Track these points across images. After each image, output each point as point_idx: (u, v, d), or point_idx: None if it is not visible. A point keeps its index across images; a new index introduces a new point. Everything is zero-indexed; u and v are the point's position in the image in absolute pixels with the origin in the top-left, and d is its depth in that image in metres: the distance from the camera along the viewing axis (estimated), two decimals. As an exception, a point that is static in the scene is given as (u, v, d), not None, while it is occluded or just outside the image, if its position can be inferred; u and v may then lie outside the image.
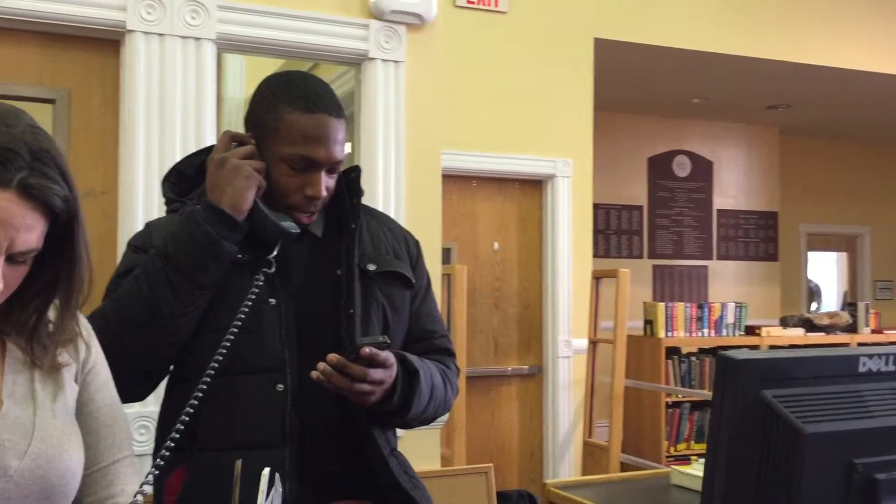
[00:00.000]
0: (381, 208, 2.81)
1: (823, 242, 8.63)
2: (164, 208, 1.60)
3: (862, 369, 1.03)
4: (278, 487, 0.91)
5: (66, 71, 2.59)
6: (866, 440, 0.99)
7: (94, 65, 2.62)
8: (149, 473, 1.10)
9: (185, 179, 1.56)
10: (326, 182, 1.50)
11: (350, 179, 1.59)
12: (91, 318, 1.30)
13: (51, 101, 2.57)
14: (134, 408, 2.44)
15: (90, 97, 2.62)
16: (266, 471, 0.90)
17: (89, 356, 1.19)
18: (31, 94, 2.56)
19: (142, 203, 2.52)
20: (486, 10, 4.77)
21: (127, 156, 2.55)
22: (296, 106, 1.46)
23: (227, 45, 2.70)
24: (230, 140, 1.51)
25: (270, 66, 3.02)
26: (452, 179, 4.76)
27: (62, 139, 2.57)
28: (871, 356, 1.03)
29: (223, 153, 1.47)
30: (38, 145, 1.01)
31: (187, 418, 1.25)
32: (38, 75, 2.56)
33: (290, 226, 1.48)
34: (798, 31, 5.59)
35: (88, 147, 2.61)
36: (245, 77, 3.39)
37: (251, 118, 1.53)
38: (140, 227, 1.73)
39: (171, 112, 2.57)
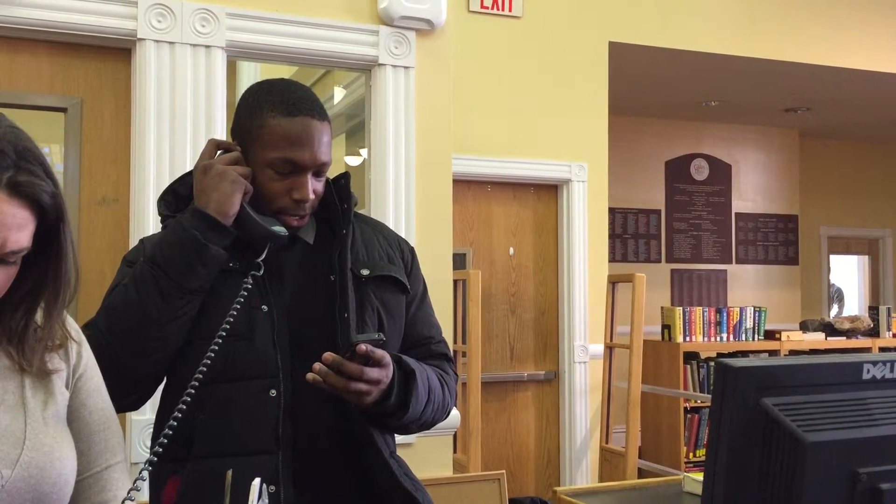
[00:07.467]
0: (391, 213, 2.81)
1: (844, 245, 8.54)
2: None
3: (866, 377, 1.01)
4: (265, 498, 0.90)
5: (78, 80, 2.61)
6: (870, 449, 0.97)
7: (106, 73, 2.64)
8: (136, 479, 1.09)
9: (181, 199, 1.56)
10: (313, 185, 1.50)
11: (340, 186, 1.59)
12: (84, 328, 1.30)
13: (63, 110, 2.59)
14: (145, 414, 2.45)
15: (102, 105, 2.63)
16: (256, 481, 0.90)
17: (80, 361, 1.18)
18: (43, 103, 2.59)
19: (153, 210, 2.53)
20: (500, 15, 4.76)
21: (138, 163, 2.56)
22: (278, 110, 1.47)
23: (236, 53, 2.71)
24: (215, 147, 1.52)
25: (285, 72, 3.03)
26: (467, 184, 4.75)
27: (74, 147, 2.59)
28: (875, 363, 1.00)
29: (208, 160, 1.48)
30: (21, 144, 1.01)
31: (175, 423, 1.25)
32: (50, 84, 2.59)
33: (279, 229, 1.48)
34: (815, 33, 5.54)
35: (101, 155, 2.63)
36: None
37: (236, 126, 1.54)
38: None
39: (182, 120, 2.59)
